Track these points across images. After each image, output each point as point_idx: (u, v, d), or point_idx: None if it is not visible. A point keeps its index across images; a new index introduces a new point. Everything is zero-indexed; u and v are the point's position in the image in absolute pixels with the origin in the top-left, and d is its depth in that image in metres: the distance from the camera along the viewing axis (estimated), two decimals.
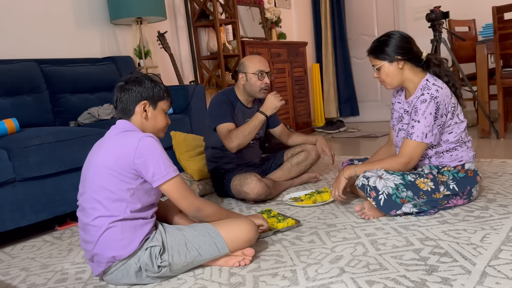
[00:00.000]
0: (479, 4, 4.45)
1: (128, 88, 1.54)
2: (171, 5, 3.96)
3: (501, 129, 3.61)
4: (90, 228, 1.47)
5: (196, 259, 1.53)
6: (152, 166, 1.44)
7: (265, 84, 2.40)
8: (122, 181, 1.45)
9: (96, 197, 1.46)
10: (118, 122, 1.56)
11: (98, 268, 1.51)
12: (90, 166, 1.52)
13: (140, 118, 1.56)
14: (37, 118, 2.65)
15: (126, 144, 1.46)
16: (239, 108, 2.48)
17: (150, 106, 1.57)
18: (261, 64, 2.41)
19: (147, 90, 1.55)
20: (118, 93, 1.56)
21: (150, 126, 1.58)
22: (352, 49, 5.63)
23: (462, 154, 1.97)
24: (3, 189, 2.03)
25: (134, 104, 1.54)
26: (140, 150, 1.43)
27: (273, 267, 1.56)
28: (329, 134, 4.88)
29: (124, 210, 1.45)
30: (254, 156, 2.61)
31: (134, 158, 1.43)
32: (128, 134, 1.50)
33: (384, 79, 1.96)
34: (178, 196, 1.50)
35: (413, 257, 1.51)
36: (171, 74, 3.80)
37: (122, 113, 1.57)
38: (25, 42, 2.92)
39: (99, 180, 1.46)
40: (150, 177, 1.45)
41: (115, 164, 1.45)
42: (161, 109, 1.60)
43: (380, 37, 1.96)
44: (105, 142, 1.54)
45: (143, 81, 1.56)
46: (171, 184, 1.48)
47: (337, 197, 2.05)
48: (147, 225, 1.50)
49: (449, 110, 1.90)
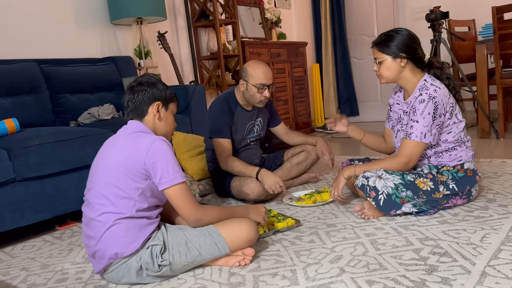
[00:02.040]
0: (479, 4, 4.45)
1: (142, 89, 1.58)
2: (171, 5, 3.96)
3: (501, 129, 3.61)
4: (95, 224, 1.48)
5: (196, 259, 1.53)
6: (161, 168, 1.46)
7: (264, 97, 2.38)
8: (132, 179, 1.47)
9: (104, 193, 1.48)
10: (130, 123, 1.59)
11: (99, 265, 1.51)
12: (100, 163, 1.54)
13: (153, 119, 1.60)
14: (37, 118, 2.65)
15: (139, 144, 1.48)
16: (239, 113, 2.47)
17: (162, 107, 1.61)
18: (263, 76, 2.33)
19: (160, 92, 1.60)
20: (130, 94, 1.59)
21: (162, 128, 1.63)
22: (352, 49, 5.63)
23: (461, 153, 1.97)
24: (3, 189, 2.03)
25: (147, 105, 1.58)
26: (152, 152, 1.46)
27: (273, 267, 1.56)
28: (329, 134, 4.89)
29: (131, 208, 1.47)
30: (255, 156, 2.61)
31: (145, 159, 1.46)
32: (141, 135, 1.52)
33: (383, 74, 1.96)
34: (180, 203, 1.51)
35: (413, 257, 1.51)
36: (171, 74, 3.80)
37: (134, 114, 1.59)
38: (25, 42, 2.93)
39: (109, 177, 1.48)
40: (157, 179, 1.47)
41: (126, 163, 1.47)
42: (171, 111, 1.66)
43: (389, 31, 1.95)
44: (117, 141, 1.55)
45: (156, 83, 1.61)
46: (176, 189, 1.49)
47: (337, 197, 2.05)
48: (151, 225, 1.51)
49: (447, 110, 1.91)
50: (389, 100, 2.19)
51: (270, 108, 2.67)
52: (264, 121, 2.61)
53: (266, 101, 2.40)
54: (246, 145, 2.55)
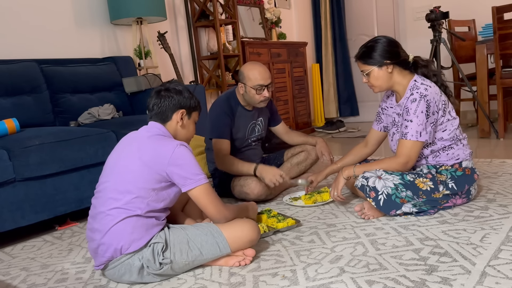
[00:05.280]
0: (479, 4, 4.45)
1: (168, 95, 1.62)
2: (171, 5, 3.96)
3: (501, 129, 3.61)
4: (103, 217, 1.49)
5: (197, 258, 1.54)
6: (185, 172, 1.50)
7: (264, 97, 2.38)
8: (150, 180, 1.49)
9: (120, 188, 1.50)
10: (152, 124, 1.62)
11: (101, 259, 1.51)
12: (120, 159, 1.55)
13: (175, 125, 1.64)
14: (37, 118, 2.65)
15: (163, 148, 1.51)
16: (240, 114, 2.47)
17: (186, 115, 1.65)
18: (260, 77, 2.32)
19: (185, 100, 1.64)
20: (156, 98, 1.63)
21: (183, 134, 1.67)
22: (352, 49, 5.62)
23: (458, 152, 1.98)
24: (3, 189, 2.03)
25: (172, 111, 1.62)
26: (175, 156, 1.49)
27: (273, 267, 1.56)
28: (329, 134, 4.89)
29: (144, 207, 1.49)
30: (255, 157, 2.61)
31: (168, 164, 1.49)
32: (164, 139, 1.55)
33: (374, 83, 1.97)
34: (207, 203, 1.55)
35: (413, 257, 1.51)
36: (171, 74, 3.80)
37: (158, 118, 1.63)
38: (26, 42, 2.93)
39: (127, 174, 1.51)
40: (182, 181, 1.50)
41: (147, 165, 1.49)
42: (194, 119, 1.70)
43: (367, 43, 1.97)
44: (140, 140, 1.57)
45: (182, 90, 1.65)
46: (201, 190, 1.52)
47: (336, 197, 2.05)
48: (157, 226, 1.53)
49: (440, 107, 1.91)
50: (381, 104, 2.20)
51: (271, 107, 2.66)
52: (265, 120, 2.61)
53: (267, 101, 2.40)
54: (248, 145, 2.55)
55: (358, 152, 2.25)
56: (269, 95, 2.38)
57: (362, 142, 2.28)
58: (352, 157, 2.23)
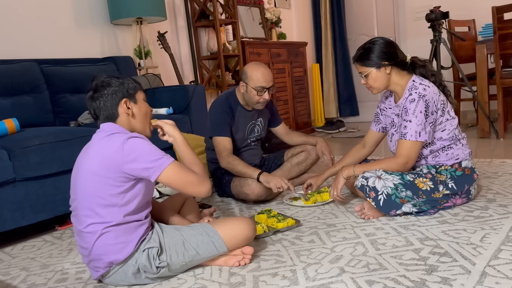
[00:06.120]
0: (479, 4, 4.45)
1: (101, 94, 1.49)
2: (171, 5, 3.97)
3: (501, 129, 3.61)
4: (84, 235, 1.46)
5: (194, 258, 1.53)
6: (143, 163, 1.40)
7: (263, 99, 2.38)
8: (112, 185, 1.41)
9: (87, 204, 1.43)
10: (103, 126, 1.51)
11: (96, 273, 1.51)
12: (79, 172, 1.47)
13: (126, 117, 1.51)
14: (37, 118, 2.65)
15: (108, 150, 1.41)
16: (239, 113, 2.47)
17: (130, 102, 1.52)
18: (263, 79, 2.32)
19: (119, 89, 1.50)
20: (93, 103, 1.50)
21: (138, 122, 1.54)
22: (352, 49, 5.62)
23: (457, 152, 1.98)
24: (3, 189, 2.03)
25: (115, 107, 1.49)
26: (126, 154, 1.39)
27: (273, 267, 1.56)
28: (329, 134, 4.89)
29: (116, 215, 1.43)
30: (255, 157, 2.61)
31: (122, 163, 1.39)
32: (113, 137, 1.44)
33: (372, 85, 1.97)
34: (180, 183, 1.46)
35: (413, 257, 1.51)
36: (171, 74, 3.80)
37: (107, 120, 1.51)
38: (25, 42, 2.93)
39: (89, 187, 1.43)
40: (145, 173, 1.42)
41: (102, 169, 1.40)
42: (141, 99, 1.56)
43: (365, 44, 1.97)
44: (91, 147, 1.48)
45: (110, 82, 1.50)
46: (169, 172, 1.42)
47: (336, 197, 2.05)
48: (141, 226, 1.49)
49: (438, 107, 1.91)
50: (379, 105, 2.19)
51: (271, 108, 2.66)
52: (264, 121, 2.61)
53: (265, 103, 2.40)
54: (247, 145, 2.55)
55: (356, 153, 2.25)
56: (269, 98, 2.38)
57: (359, 143, 2.28)
58: (350, 159, 2.23)
